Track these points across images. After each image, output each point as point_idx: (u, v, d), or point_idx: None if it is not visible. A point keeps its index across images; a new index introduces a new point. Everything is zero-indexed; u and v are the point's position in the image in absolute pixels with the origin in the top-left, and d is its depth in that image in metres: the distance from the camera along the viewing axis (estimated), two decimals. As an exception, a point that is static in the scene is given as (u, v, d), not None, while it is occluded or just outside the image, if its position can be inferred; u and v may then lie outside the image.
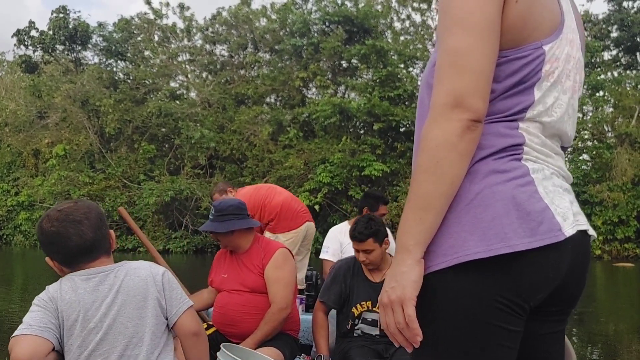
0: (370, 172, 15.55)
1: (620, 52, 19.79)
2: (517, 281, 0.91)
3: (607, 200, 15.39)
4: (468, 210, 0.93)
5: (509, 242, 0.90)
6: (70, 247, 1.49)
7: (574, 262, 0.98)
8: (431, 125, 0.93)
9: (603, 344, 5.65)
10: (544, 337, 1.04)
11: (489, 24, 0.92)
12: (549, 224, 0.92)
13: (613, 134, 17.43)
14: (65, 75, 20.45)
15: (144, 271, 1.57)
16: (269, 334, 2.44)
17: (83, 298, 1.49)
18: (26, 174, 19.83)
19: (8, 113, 20.14)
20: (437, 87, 0.94)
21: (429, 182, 0.92)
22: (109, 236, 1.59)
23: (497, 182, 0.93)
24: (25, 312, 1.52)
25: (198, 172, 18.15)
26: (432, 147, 0.92)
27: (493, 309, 0.91)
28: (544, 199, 0.94)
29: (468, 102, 0.90)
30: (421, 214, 0.92)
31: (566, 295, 1.01)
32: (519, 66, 0.96)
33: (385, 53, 17.00)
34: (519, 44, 0.96)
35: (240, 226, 2.56)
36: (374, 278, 2.70)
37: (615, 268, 13.30)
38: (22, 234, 18.89)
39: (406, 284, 0.91)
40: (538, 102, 0.98)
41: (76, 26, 20.74)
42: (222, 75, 19.95)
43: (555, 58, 0.99)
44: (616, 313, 7.49)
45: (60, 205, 1.56)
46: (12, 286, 9.72)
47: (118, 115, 18.31)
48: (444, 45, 0.95)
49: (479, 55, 0.91)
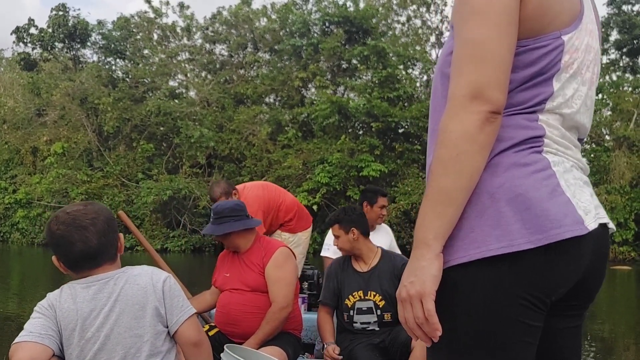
0: (369, 172, 15.55)
1: (622, 55, 19.82)
2: (539, 275, 0.90)
3: (605, 203, 15.42)
4: (490, 203, 0.91)
5: (532, 236, 0.88)
6: (74, 253, 1.48)
7: (595, 255, 0.96)
8: (450, 117, 0.91)
9: (599, 346, 5.66)
10: (562, 331, 1.03)
11: (509, 14, 0.90)
12: (572, 218, 0.91)
13: (611, 137, 17.48)
14: (64, 73, 20.41)
15: (144, 279, 1.54)
16: (271, 333, 2.44)
17: (81, 307, 1.48)
18: (24, 171, 19.78)
19: (6, 110, 20.10)
20: (455, 78, 0.92)
21: (449, 175, 0.90)
22: (116, 242, 1.56)
23: (519, 176, 0.92)
24: (22, 311, 1.52)
25: (196, 172, 18.13)
26: (452, 139, 0.90)
27: (515, 304, 0.90)
28: (566, 192, 0.93)
29: (487, 93, 0.89)
30: (440, 208, 0.90)
31: (585, 288, 1.00)
32: (537, 56, 0.94)
33: (385, 54, 17.02)
34: (537, 34, 0.94)
35: (237, 228, 2.57)
36: (361, 268, 2.77)
37: (613, 271, 13.33)
38: (19, 232, 18.85)
39: (426, 279, 0.90)
40: (557, 93, 0.96)
41: (75, 24, 20.72)
42: (221, 75, 19.94)
43: (574, 49, 0.97)
44: (613, 315, 7.50)
45: (71, 206, 1.54)
46: (9, 285, 9.70)
47: (117, 113, 18.28)
48: (463, 35, 0.93)
49: (498, 46, 0.90)
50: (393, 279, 2.66)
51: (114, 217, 1.59)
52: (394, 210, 15.26)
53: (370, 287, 2.69)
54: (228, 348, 1.98)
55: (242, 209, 2.64)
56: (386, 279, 2.68)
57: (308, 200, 15.52)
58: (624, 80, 18.73)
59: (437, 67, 1.05)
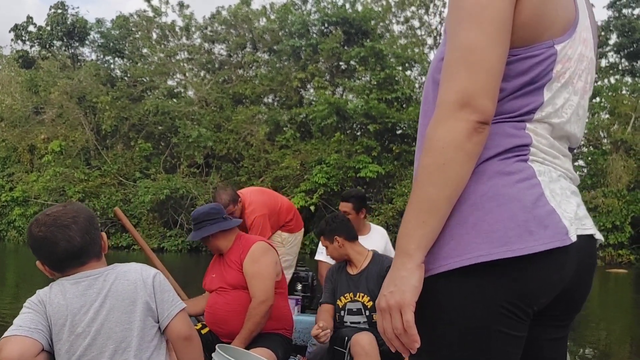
0: (366, 173, 15.57)
1: (621, 58, 19.89)
2: (521, 285, 0.89)
3: (602, 206, 15.47)
4: (472, 211, 0.90)
5: (513, 245, 0.87)
6: (58, 252, 1.48)
7: (580, 266, 0.95)
8: (437, 125, 0.89)
9: (594, 350, 5.67)
10: (548, 342, 1.02)
11: (503, 21, 0.88)
12: (555, 228, 0.89)
13: (609, 141, 17.53)
14: (62, 71, 20.38)
15: (134, 274, 1.54)
16: (254, 329, 2.44)
17: (71, 302, 1.48)
18: (21, 169, 19.74)
19: (4, 108, 20.06)
20: (445, 84, 0.90)
21: (434, 184, 0.88)
22: (99, 240, 1.57)
23: (503, 184, 0.91)
24: (17, 309, 1.52)
25: (194, 171, 18.12)
26: (438, 147, 0.88)
27: (496, 313, 0.88)
28: (550, 202, 0.91)
29: (477, 102, 0.87)
30: (424, 217, 0.89)
31: (571, 299, 0.99)
32: (529, 65, 0.93)
33: (383, 56, 17.04)
34: (530, 42, 0.92)
35: (213, 230, 2.60)
36: (352, 271, 2.85)
37: (608, 274, 13.36)
38: (15, 230, 18.80)
39: (406, 289, 0.88)
40: (547, 103, 0.95)
41: (74, 22, 20.69)
42: (220, 75, 19.93)
43: (567, 58, 0.95)
44: (608, 319, 7.52)
45: (49, 209, 1.54)
46: (4, 283, 9.67)
47: (115, 112, 18.26)
48: (455, 40, 0.91)
49: (491, 54, 0.88)
50: (380, 281, 2.69)
51: (95, 216, 1.59)
52: (390, 211, 15.27)
53: (359, 289, 2.76)
54: (219, 348, 1.98)
55: (217, 212, 2.66)
56: (374, 280, 2.75)
57: (305, 200, 15.53)
58: (622, 83, 18.79)
59: (429, 72, 1.03)
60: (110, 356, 1.47)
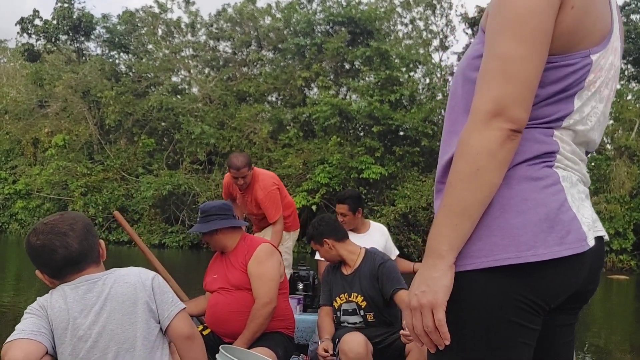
0: (369, 174, 15.55)
1: (627, 64, 19.82)
2: (542, 285, 0.94)
3: (604, 212, 15.42)
4: (499, 215, 0.93)
5: (538, 250, 0.91)
6: (56, 260, 1.49)
7: (592, 267, 1.01)
8: (472, 132, 0.92)
9: (595, 356, 5.66)
10: (558, 328, 1.07)
11: (543, 33, 0.90)
12: (576, 234, 0.94)
13: (612, 147, 17.48)
14: (67, 65, 20.42)
15: (133, 277, 1.56)
16: (257, 330, 2.45)
17: (72, 306, 1.49)
18: (24, 162, 19.78)
19: (8, 100, 20.09)
20: (481, 92, 0.93)
21: (468, 189, 0.91)
22: (97, 246, 1.58)
23: (531, 190, 0.94)
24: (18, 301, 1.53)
25: (197, 168, 18.13)
26: (472, 154, 0.91)
27: (517, 309, 0.93)
28: (572, 208, 0.96)
29: (511, 112, 0.90)
30: (457, 220, 0.92)
31: (581, 294, 1.04)
32: (565, 74, 0.95)
33: (388, 56, 17.02)
34: (567, 51, 0.94)
35: (224, 225, 2.60)
36: (346, 271, 2.84)
37: (610, 280, 13.33)
38: (18, 223, 18.84)
39: (438, 289, 0.92)
40: (577, 111, 0.98)
41: (80, 17, 20.69)
42: (224, 72, 19.93)
43: (599, 68, 0.97)
44: (609, 325, 7.50)
45: (46, 218, 1.57)
46: (6, 275, 9.70)
47: (119, 107, 18.28)
48: (495, 48, 0.92)
49: (529, 65, 0.90)
50: (372, 280, 2.72)
51: (91, 223, 1.61)
52: (392, 213, 15.26)
53: (353, 289, 2.76)
54: (223, 349, 1.98)
55: (229, 208, 2.68)
56: (366, 280, 2.73)
57: (307, 200, 15.53)
58: (628, 89, 18.73)
59: (461, 67, 1.05)
60: (114, 357, 1.48)
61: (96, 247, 1.58)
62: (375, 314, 2.70)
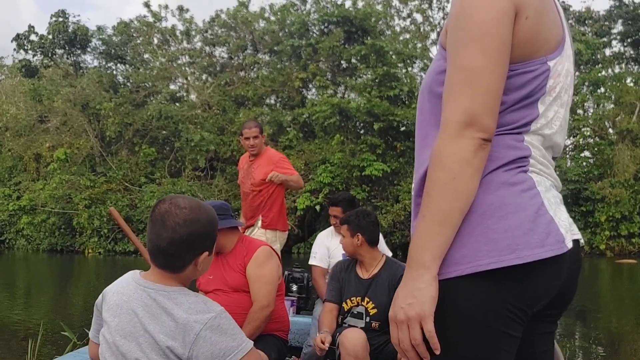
0: (371, 172, 15.54)
1: (625, 47, 19.75)
2: (525, 289, 0.95)
3: (609, 197, 15.37)
4: (481, 221, 0.95)
5: (520, 253, 0.93)
6: (150, 241, 1.43)
7: (570, 269, 1.03)
8: (445, 142, 0.95)
9: (605, 340, 5.63)
10: (539, 337, 1.08)
11: (504, 44, 0.95)
12: (555, 236, 0.96)
13: (614, 131, 17.41)
14: (65, 79, 20.48)
15: (183, 314, 1.36)
16: (253, 333, 2.42)
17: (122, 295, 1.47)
18: (27, 178, 19.84)
19: (9, 117, 20.16)
20: (450, 104, 0.96)
21: (446, 197, 0.93)
22: (188, 261, 1.42)
23: (509, 195, 0.97)
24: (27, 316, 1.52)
25: (199, 175, 18.16)
26: (447, 163, 0.93)
27: (501, 316, 0.94)
28: (549, 211, 0.98)
29: (481, 121, 0.93)
30: (438, 229, 0.93)
31: (561, 299, 1.06)
32: (526, 80, 0.99)
33: (384, 53, 17.00)
34: (526, 59, 0.99)
35: (223, 225, 2.57)
36: (363, 274, 2.80)
37: (619, 265, 13.28)
38: (24, 238, 18.91)
39: (425, 300, 0.93)
40: (541, 116, 1.02)
41: (75, 30, 20.75)
42: (221, 77, 19.95)
43: (557, 74, 1.02)
44: (619, 309, 7.46)
45: (185, 201, 1.44)
46: (15, 291, 9.73)
47: (118, 118, 18.32)
48: (459, 61, 0.96)
49: (493, 76, 0.94)
50: (390, 289, 2.69)
51: (205, 235, 1.44)
52: (399, 210, 15.26)
53: (367, 294, 2.73)
54: None
55: (228, 208, 2.67)
56: (384, 288, 2.71)
57: (311, 200, 15.53)
58: (627, 72, 18.66)
59: (426, 83, 1.09)
60: None
61: (186, 261, 1.42)
62: (381, 324, 2.68)
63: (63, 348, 3.98)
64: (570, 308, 5.56)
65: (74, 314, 6.78)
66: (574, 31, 17.85)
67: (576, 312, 6.72)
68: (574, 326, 6.21)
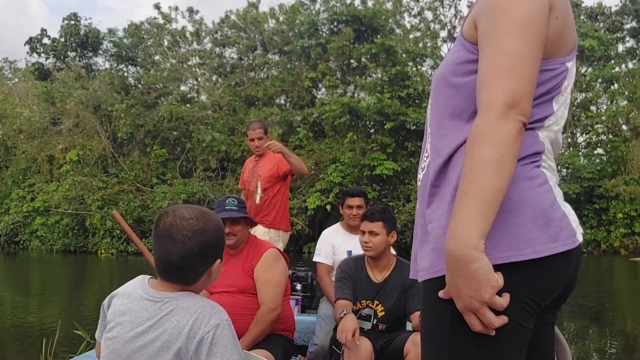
0: (382, 171, 15.50)
1: (638, 43, 19.48)
2: (538, 282, 0.97)
3: (624, 194, 15.17)
4: (500, 213, 0.95)
5: (537, 247, 0.95)
6: (158, 258, 1.39)
7: (576, 262, 1.05)
8: (491, 121, 0.94)
9: (620, 339, 5.56)
10: (544, 327, 1.11)
11: (543, 35, 0.98)
12: (568, 231, 0.99)
13: (628, 127, 17.19)
14: (77, 81, 20.68)
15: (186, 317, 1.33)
16: (259, 335, 2.43)
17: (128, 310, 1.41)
18: (41, 179, 20.08)
19: (22, 120, 20.41)
20: (494, 86, 0.96)
21: (493, 175, 0.92)
22: (202, 272, 1.39)
23: (526, 189, 0.98)
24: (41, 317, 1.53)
25: (210, 175, 18.25)
26: (496, 141, 0.92)
27: (517, 308, 0.95)
28: (562, 206, 1.01)
29: (522, 105, 0.95)
30: (484, 207, 0.91)
31: (565, 291, 1.08)
32: (547, 78, 1.02)
33: (394, 52, 16.94)
34: (549, 57, 1.01)
35: (243, 214, 2.61)
36: (376, 277, 2.74)
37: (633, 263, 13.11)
38: (38, 239, 19.13)
39: (490, 277, 0.91)
40: (555, 113, 1.05)
41: (87, 33, 20.97)
42: (231, 78, 20.03)
43: (571, 75, 1.06)
44: (634, 309, 7.36)
45: (187, 211, 1.38)
46: (29, 292, 9.84)
47: (130, 120, 18.47)
48: (501, 46, 0.97)
49: (534, 63, 0.97)
50: (401, 292, 2.67)
51: (217, 241, 1.41)
52: (411, 210, 15.18)
53: (378, 298, 2.69)
54: None
55: (244, 204, 2.71)
56: (395, 291, 2.67)
57: (321, 200, 15.53)
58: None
59: (441, 74, 1.10)
60: None
61: (199, 272, 1.38)
62: (388, 326, 2.66)
63: (76, 347, 4.02)
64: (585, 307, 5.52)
65: (87, 314, 6.85)
66: (586, 27, 17.64)
67: (591, 312, 6.64)
68: (589, 325, 6.13)
